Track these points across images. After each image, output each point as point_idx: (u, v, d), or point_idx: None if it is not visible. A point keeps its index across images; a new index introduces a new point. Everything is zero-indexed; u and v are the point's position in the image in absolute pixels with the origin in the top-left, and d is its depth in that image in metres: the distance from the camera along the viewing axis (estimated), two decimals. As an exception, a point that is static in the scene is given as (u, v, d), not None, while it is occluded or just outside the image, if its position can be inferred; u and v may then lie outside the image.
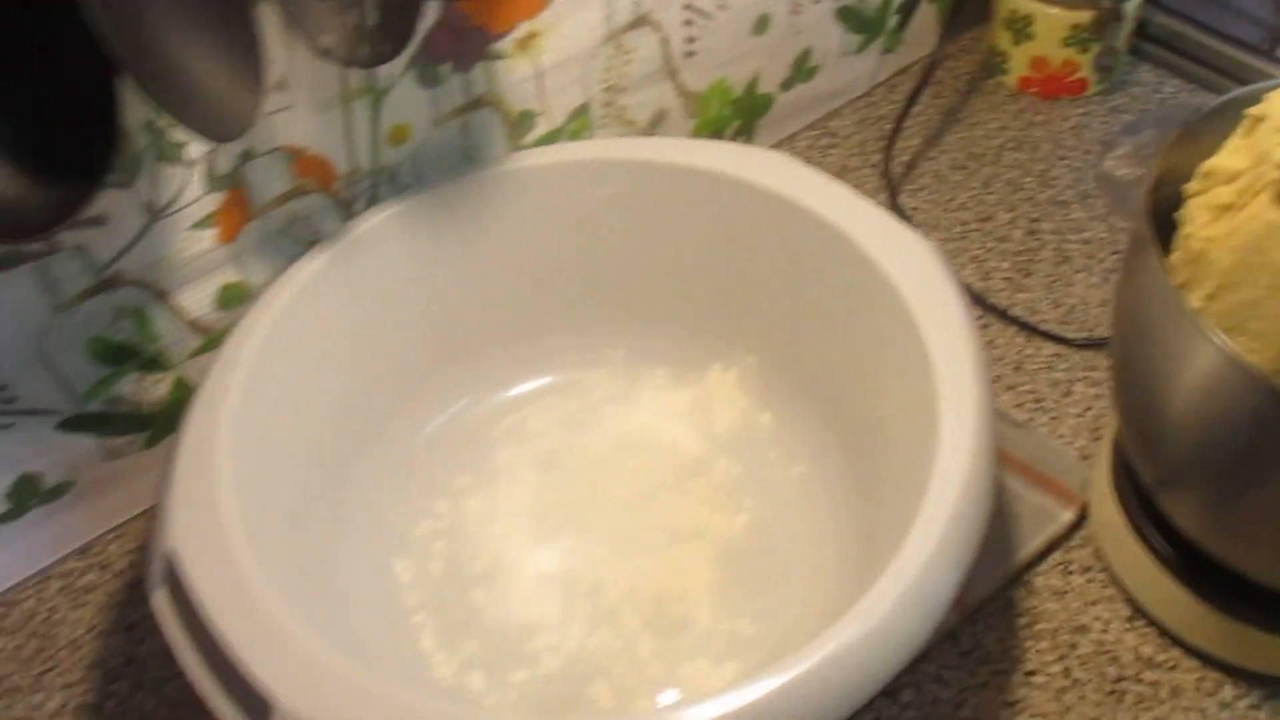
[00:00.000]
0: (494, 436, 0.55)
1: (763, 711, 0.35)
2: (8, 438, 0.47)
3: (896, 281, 0.45)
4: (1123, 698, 0.46)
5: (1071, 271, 0.63)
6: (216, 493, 0.40)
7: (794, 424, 0.54)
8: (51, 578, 0.53)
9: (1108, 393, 0.56)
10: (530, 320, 0.56)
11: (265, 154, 0.47)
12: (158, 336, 0.48)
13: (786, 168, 0.51)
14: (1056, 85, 0.72)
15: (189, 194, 0.45)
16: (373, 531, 0.51)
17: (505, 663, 0.47)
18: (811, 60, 0.67)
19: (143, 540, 0.54)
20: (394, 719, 0.34)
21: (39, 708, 0.49)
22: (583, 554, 0.51)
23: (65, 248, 0.43)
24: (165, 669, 0.49)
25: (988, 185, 0.68)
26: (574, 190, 0.53)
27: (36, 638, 0.51)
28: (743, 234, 0.52)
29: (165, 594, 0.39)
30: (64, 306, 0.45)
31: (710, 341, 0.56)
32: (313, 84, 0.46)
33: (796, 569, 0.50)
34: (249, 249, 0.49)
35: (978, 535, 0.40)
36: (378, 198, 0.52)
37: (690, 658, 0.47)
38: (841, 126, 0.72)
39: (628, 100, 0.59)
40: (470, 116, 0.53)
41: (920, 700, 0.46)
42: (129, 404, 0.50)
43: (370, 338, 0.51)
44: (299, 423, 0.47)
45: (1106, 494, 0.49)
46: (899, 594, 0.37)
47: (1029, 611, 0.49)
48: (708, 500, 0.53)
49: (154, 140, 0.42)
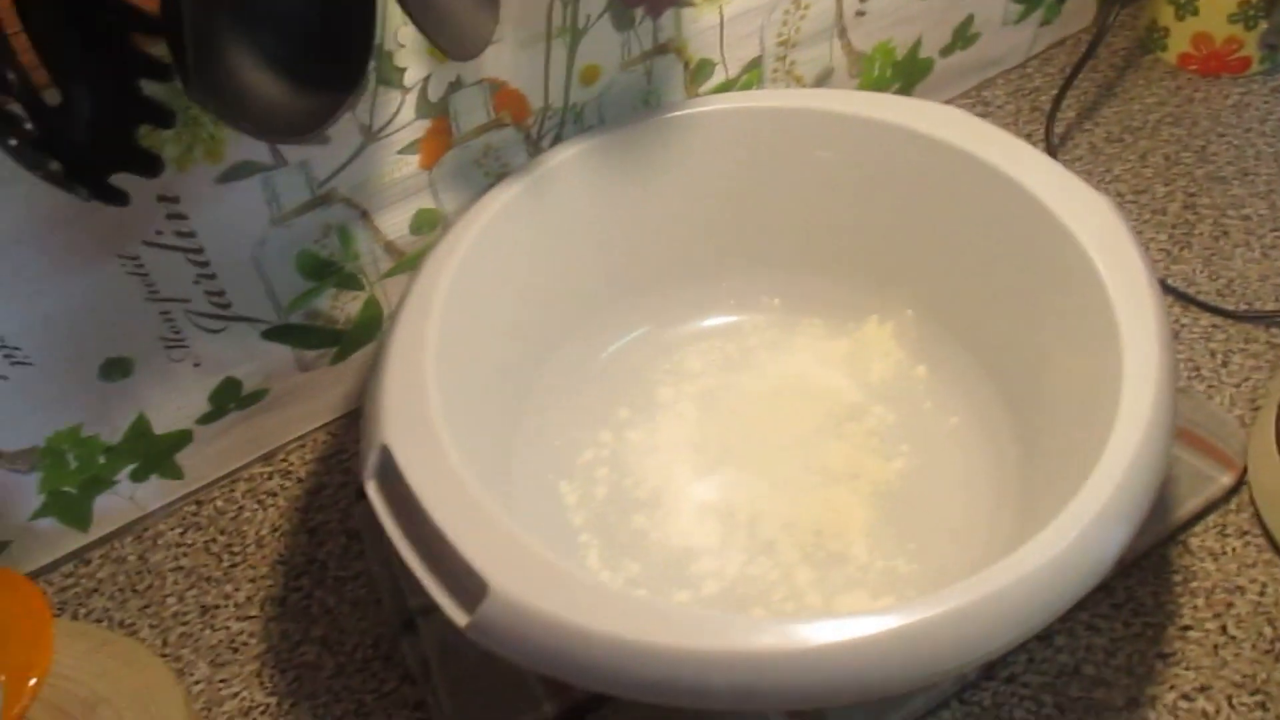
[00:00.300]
0: (654, 374, 0.57)
1: (933, 629, 0.36)
2: (219, 341, 0.50)
3: (1080, 236, 0.46)
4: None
5: (1230, 246, 0.62)
6: (425, 394, 0.43)
7: (950, 377, 0.55)
8: (239, 480, 0.56)
9: (1267, 364, 0.56)
10: (694, 264, 0.58)
11: (471, 85, 0.49)
12: (358, 255, 0.51)
13: (961, 121, 0.52)
14: (1218, 63, 0.71)
15: (401, 118, 0.48)
16: (542, 453, 0.53)
17: (668, 585, 0.49)
18: (973, 27, 0.68)
19: (325, 450, 0.57)
20: (604, 607, 0.36)
21: (229, 597, 0.52)
22: (742, 487, 0.53)
23: (290, 162, 0.46)
24: (344, 569, 0.53)
25: (1144, 159, 0.68)
26: (746, 138, 0.54)
27: (225, 534, 0.54)
28: (913, 187, 0.53)
29: (377, 484, 0.42)
30: (282, 219, 0.48)
31: (868, 294, 0.57)
32: (520, 19, 0.48)
33: (951, 514, 0.51)
34: (444, 177, 0.52)
35: (1152, 492, 0.40)
36: (562, 136, 0.54)
37: (848, 589, 0.49)
38: (995, 96, 0.73)
39: (798, 56, 0.60)
40: (654, 62, 0.55)
41: (1073, 645, 0.47)
42: (325, 319, 0.53)
43: (549, 268, 0.53)
44: (487, 340, 0.50)
45: (1270, 459, 0.49)
46: (1072, 538, 0.38)
47: (1184, 570, 0.49)
48: (863, 445, 0.54)
49: (380, 63, 0.45)
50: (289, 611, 0.51)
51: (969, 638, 0.37)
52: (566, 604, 0.36)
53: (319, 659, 0.49)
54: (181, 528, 0.55)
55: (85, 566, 0.54)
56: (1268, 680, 0.45)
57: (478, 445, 0.47)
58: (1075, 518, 0.38)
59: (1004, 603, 0.37)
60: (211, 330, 0.50)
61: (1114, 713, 0.45)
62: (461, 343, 0.47)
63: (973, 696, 0.46)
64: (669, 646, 0.36)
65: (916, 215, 0.54)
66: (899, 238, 0.55)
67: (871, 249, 0.56)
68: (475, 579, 0.37)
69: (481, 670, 0.47)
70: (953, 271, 0.54)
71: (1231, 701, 0.45)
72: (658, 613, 0.37)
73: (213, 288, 0.48)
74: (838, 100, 0.54)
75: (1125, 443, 0.40)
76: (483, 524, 0.39)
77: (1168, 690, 0.46)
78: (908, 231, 0.55)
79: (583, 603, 0.36)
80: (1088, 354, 0.45)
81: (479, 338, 0.50)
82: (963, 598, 0.37)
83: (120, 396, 0.49)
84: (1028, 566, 0.37)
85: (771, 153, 0.55)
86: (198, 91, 0.32)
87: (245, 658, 0.50)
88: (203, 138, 0.43)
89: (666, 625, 0.36)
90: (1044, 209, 0.47)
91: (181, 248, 0.46)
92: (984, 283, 0.52)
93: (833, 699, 0.38)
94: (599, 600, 0.37)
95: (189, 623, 0.51)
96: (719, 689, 0.36)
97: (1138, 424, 0.40)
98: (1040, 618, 0.38)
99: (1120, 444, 0.40)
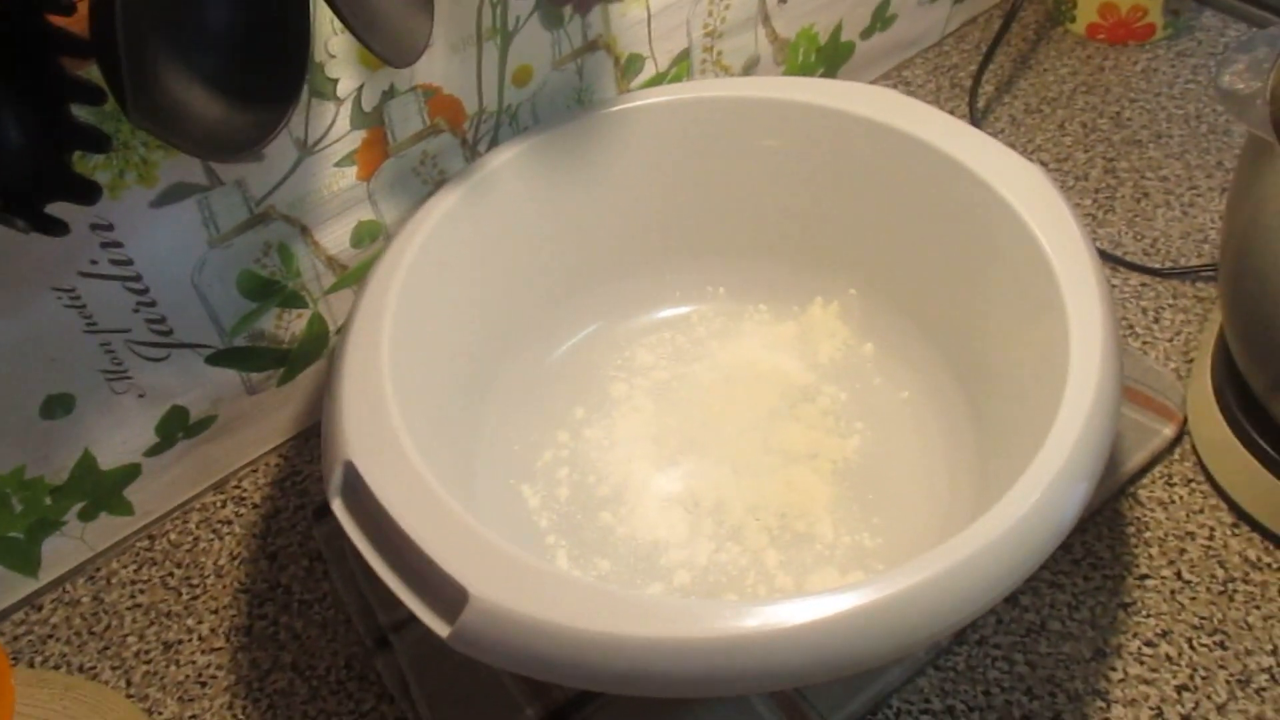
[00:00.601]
0: (607, 370, 0.57)
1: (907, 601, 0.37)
2: (163, 369, 0.49)
3: (1016, 206, 0.47)
4: (1233, 597, 0.48)
5: (1152, 207, 0.65)
6: (385, 408, 0.42)
7: (898, 352, 0.56)
8: (192, 511, 0.55)
9: (1196, 318, 0.58)
10: (638, 258, 0.58)
11: (405, 92, 0.49)
12: (299, 272, 0.51)
13: (893, 100, 0.53)
14: (1125, 31, 0.74)
15: (336, 130, 0.47)
16: (502, 458, 0.53)
17: (639, 579, 0.50)
18: (890, 9, 0.69)
19: (278, 474, 0.56)
20: (584, 604, 0.36)
21: (192, 630, 0.51)
22: (703, 476, 0.53)
23: (226, 182, 0.45)
24: (309, 592, 0.52)
25: (1063, 128, 0.70)
26: (681, 129, 0.55)
27: (182, 567, 0.53)
28: (849, 167, 0.54)
29: (343, 502, 0.41)
30: (220, 240, 0.47)
31: (811, 276, 0.58)
32: (450, 22, 0.48)
33: (912, 486, 0.52)
34: (383, 187, 0.51)
35: (1106, 449, 0.41)
36: (498, 139, 0.54)
37: (817, 568, 0.49)
38: (915, 75, 0.74)
39: (724, 45, 0.61)
40: (585, 59, 0.55)
41: (1038, 604, 0.49)
42: (270, 339, 0.52)
43: (496, 272, 0.53)
44: (439, 349, 0.49)
45: (1209, 408, 0.51)
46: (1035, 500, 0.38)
47: (1136, 521, 0.51)
48: (818, 425, 0.55)
49: (312, 75, 0.45)
50: (256, 640, 0.50)
51: (943, 606, 0.38)
52: (547, 605, 0.36)
53: (291, 685, 0.48)
54: (135, 564, 0.53)
55: (37, 612, 0.52)
56: (1224, 620, 0.47)
57: (439, 455, 0.46)
58: (1036, 480, 0.39)
59: (974, 569, 0.38)
60: (154, 359, 0.48)
61: (1082, 664, 0.46)
62: (415, 353, 0.46)
63: (947, 662, 0.47)
64: (653, 638, 0.36)
65: (855, 195, 0.55)
66: (838, 219, 0.56)
67: (812, 231, 0.57)
68: (454, 588, 0.37)
69: (460, 681, 0.47)
70: (894, 248, 0.55)
71: (1192, 643, 0.47)
72: (639, 606, 0.37)
73: (153, 315, 0.47)
74: (769, 87, 0.54)
75: (1078, 403, 0.41)
76: (456, 532, 0.38)
77: (1131, 638, 0.47)
78: (847, 212, 0.55)
79: (563, 602, 0.36)
80: (1032, 320, 0.46)
81: (431, 347, 0.49)
82: (934, 566, 0.37)
83: (63, 434, 0.48)
84: (995, 531, 0.38)
85: (707, 143, 0.55)
86: (136, 114, 0.31)
87: (215, 691, 0.49)
88: (135, 161, 0.42)
89: (649, 617, 0.36)
90: (980, 181, 0.48)
91: (118, 276, 0.45)
92: (925, 258, 0.53)
93: (812, 677, 0.38)
94: (579, 598, 0.37)
95: (152, 660, 0.50)
96: (705, 675, 0.36)
97: (1088, 384, 0.41)
98: (1010, 580, 0.39)
99: (1073, 405, 0.41)
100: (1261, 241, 0.42)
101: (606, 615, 0.36)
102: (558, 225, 0.55)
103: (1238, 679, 0.45)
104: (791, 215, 0.57)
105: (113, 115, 0.40)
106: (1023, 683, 0.46)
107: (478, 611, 0.36)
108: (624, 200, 0.56)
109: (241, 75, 0.36)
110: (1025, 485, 0.39)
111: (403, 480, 0.40)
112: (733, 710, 0.45)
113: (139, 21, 0.31)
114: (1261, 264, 0.42)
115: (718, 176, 0.56)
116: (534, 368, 0.57)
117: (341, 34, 0.44)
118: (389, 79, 0.48)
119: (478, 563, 0.38)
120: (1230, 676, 0.45)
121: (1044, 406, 0.42)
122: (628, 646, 0.36)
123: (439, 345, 0.50)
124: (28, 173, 0.33)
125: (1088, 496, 0.40)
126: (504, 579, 0.37)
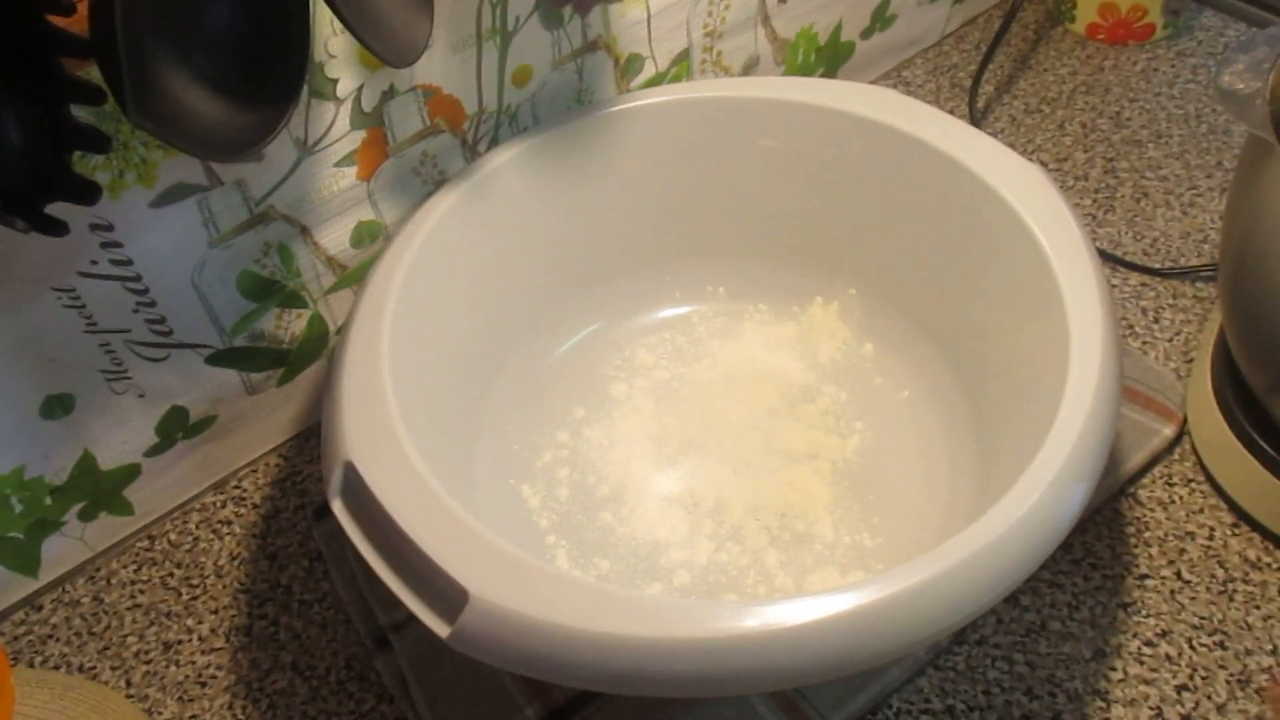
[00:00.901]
0: (607, 370, 0.57)
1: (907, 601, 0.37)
2: (163, 370, 0.49)
3: (1016, 206, 0.47)
4: (1233, 597, 0.48)
5: (1151, 207, 0.65)
6: (385, 408, 0.42)
7: (898, 352, 0.56)
8: (192, 511, 0.55)
9: (1196, 318, 0.58)
10: (638, 258, 0.58)
11: (405, 92, 0.49)
12: (299, 272, 0.51)
13: (893, 100, 0.53)
14: (1125, 31, 0.74)
15: (336, 131, 0.47)
16: (502, 458, 0.53)
17: (639, 579, 0.50)
18: (890, 9, 0.69)
19: (278, 474, 0.56)
20: (584, 604, 0.36)
21: (192, 631, 0.51)
22: (703, 476, 0.53)
23: (226, 182, 0.45)
24: (309, 592, 0.52)
25: (1062, 128, 0.70)
26: (681, 129, 0.55)
27: (182, 567, 0.53)
28: (850, 167, 0.54)
29: (343, 502, 0.41)
30: (220, 240, 0.47)
31: (811, 276, 0.58)
32: (450, 22, 0.48)
33: (912, 486, 0.52)
34: (382, 187, 0.51)
35: (1106, 449, 0.41)
36: (498, 139, 0.54)
37: (817, 568, 0.49)
38: (915, 75, 0.74)
39: (724, 46, 0.61)
40: (585, 59, 0.55)
41: (1038, 603, 0.49)
42: (270, 339, 0.52)
43: (496, 272, 0.53)
44: (440, 349, 0.49)
45: (1209, 409, 0.51)
46: (1035, 500, 0.38)
47: (1136, 521, 0.51)
48: (818, 424, 0.55)
49: (311, 75, 0.45)
50: (256, 640, 0.50)
51: (943, 606, 0.38)
52: (547, 605, 0.36)
53: (291, 685, 0.48)
54: (135, 564, 0.53)
55: (37, 613, 0.52)
56: (1224, 620, 0.47)
57: (439, 456, 0.46)
58: (1035, 480, 0.39)
59: (974, 569, 0.38)
60: (154, 359, 0.48)
61: (1082, 664, 0.46)
62: (415, 354, 0.47)
63: (947, 662, 0.47)
64: (653, 638, 0.36)
65: (855, 195, 0.55)
66: (838, 219, 0.56)
67: (812, 231, 0.57)
68: (454, 588, 0.37)
69: (460, 681, 0.47)
70: (893, 249, 0.55)
71: (1192, 643, 0.47)
72: (639, 606, 0.37)
73: (153, 315, 0.47)
74: (769, 87, 0.54)
75: (1078, 403, 0.41)
76: (456, 532, 0.38)
77: (1131, 638, 0.47)
78: (847, 212, 0.55)
79: (563, 602, 0.36)
80: (1032, 320, 0.46)
81: (431, 348, 0.49)
82: (934, 566, 0.37)
83: (63, 434, 0.48)
84: (995, 531, 0.38)
85: (706, 143, 0.55)
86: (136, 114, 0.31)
87: (215, 691, 0.49)
88: (134, 162, 0.42)
89: (648, 617, 0.36)
90: (980, 181, 0.48)
91: (118, 276, 0.45)
92: (925, 258, 0.53)
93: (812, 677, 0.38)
94: (579, 598, 0.37)
95: (152, 661, 0.50)
96: (705, 675, 0.36)
97: (1088, 384, 0.41)
98: (1010, 580, 0.39)
99: (1073, 405, 0.41)
100: (1261, 241, 0.42)
101: (606, 615, 0.36)
102: (558, 225, 0.55)
103: (1238, 679, 0.45)
104: (791, 215, 0.57)
105: (113, 115, 0.40)
106: (1023, 683, 0.46)
107: (478, 611, 0.36)
108: (624, 200, 0.56)
109: (241, 75, 0.36)
110: (1025, 485, 0.39)
111: (402, 480, 0.40)
112: (733, 710, 0.45)
113: (139, 22, 0.31)
114: (1261, 264, 0.42)
115: (718, 176, 0.56)
116: (534, 368, 0.57)
117: (341, 34, 0.44)
118: (389, 79, 0.48)
119: (477, 563, 0.38)
120: (1230, 676, 0.45)
121: (1044, 406, 0.42)
122: (628, 646, 0.36)
123: (439, 345, 0.50)
124: (28, 173, 0.33)
125: (1087, 496, 0.40)
126: (504, 579, 0.37)
